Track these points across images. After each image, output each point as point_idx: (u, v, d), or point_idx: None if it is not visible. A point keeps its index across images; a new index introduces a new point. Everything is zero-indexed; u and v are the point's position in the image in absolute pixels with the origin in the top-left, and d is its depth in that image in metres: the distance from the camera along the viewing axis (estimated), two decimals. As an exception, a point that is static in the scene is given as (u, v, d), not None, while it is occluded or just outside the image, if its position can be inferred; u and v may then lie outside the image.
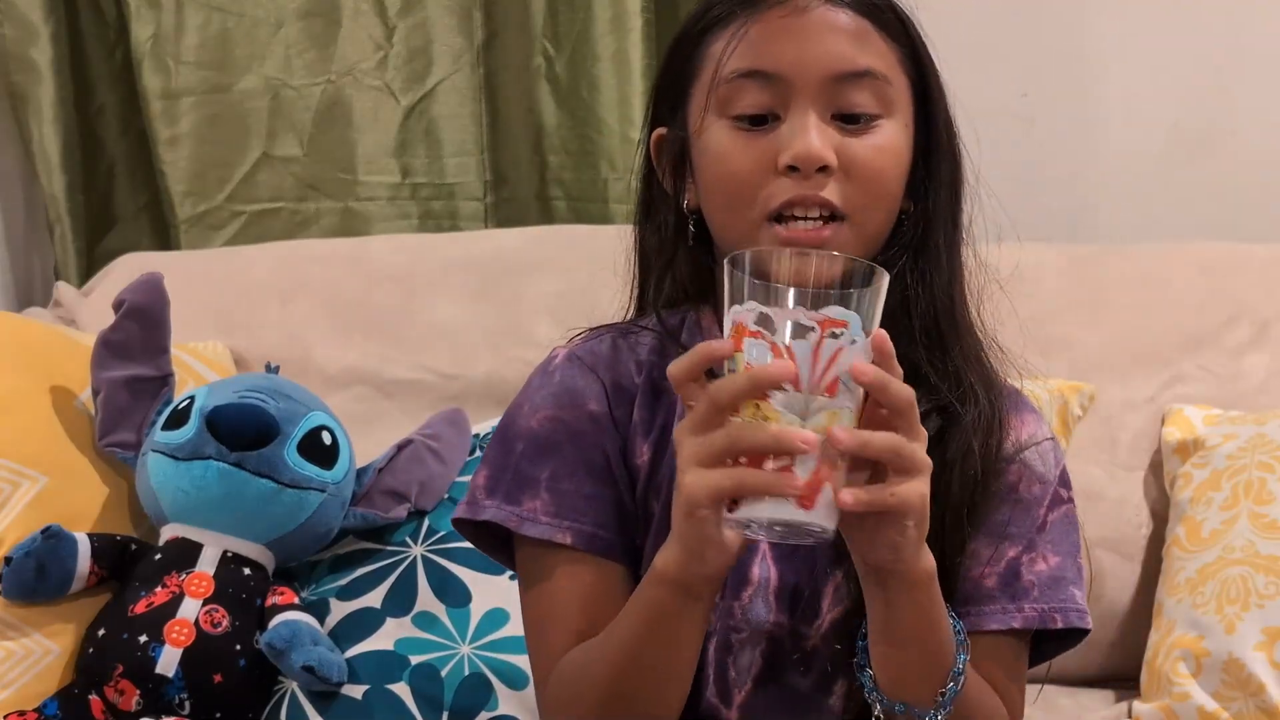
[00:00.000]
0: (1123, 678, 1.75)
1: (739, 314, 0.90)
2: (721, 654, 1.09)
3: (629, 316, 1.18)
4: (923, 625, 0.98)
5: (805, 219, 1.04)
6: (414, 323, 1.98)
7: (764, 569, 1.09)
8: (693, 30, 1.10)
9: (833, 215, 1.04)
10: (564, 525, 1.08)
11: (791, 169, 1.04)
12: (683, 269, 1.14)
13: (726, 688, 1.10)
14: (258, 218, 2.25)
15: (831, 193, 1.04)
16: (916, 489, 0.90)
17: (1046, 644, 1.11)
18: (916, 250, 1.09)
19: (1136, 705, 1.63)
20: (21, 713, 1.50)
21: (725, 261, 0.91)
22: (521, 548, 1.12)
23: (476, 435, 1.76)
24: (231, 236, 2.23)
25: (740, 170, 1.05)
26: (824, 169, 1.04)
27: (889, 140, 1.06)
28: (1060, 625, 1.09)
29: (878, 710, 1.01)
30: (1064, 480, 1.14)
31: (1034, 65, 2.17)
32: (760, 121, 1.06)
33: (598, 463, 1.10)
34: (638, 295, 1.18)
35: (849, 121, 1.05)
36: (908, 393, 0.90)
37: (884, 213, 1.08)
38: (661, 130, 1.14)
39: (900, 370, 0.91)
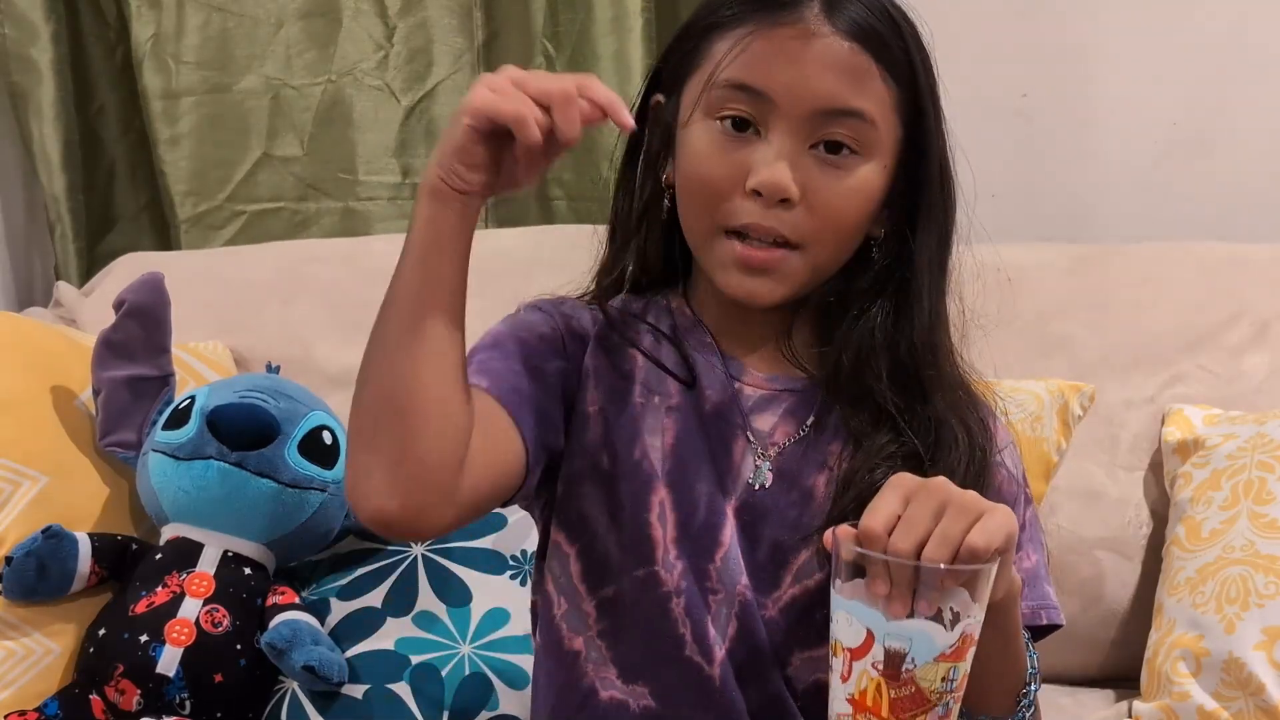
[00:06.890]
0: (1123, 677, 1.75)
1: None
2: (699, 612, 1.10)
3: (591, 282, 1.20)
4: (1010, 640, 1.02)
5: (760, 240, 1.07)
6: (414, 323, 1.97)
7: (732, 535, 1.11)
8: (701, 23, 1.11)
9: (786, 242, 1.07)
10: (484, 381, 1.08)
11: (756, 193, 1.06)
12: (654, 246, 1.17)
13: (707, 646, 1.10)
14: (258, 218, 2.25)
15: (785, 225, 1.07)
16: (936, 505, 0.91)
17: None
18: (897, 291, 1.11)
19: (1136, 705, 1.63)
20: (22, 713, 1.50)
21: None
22: None
23: (477, 435, 1.76)
24: (232, 236, 2.23)
25: (712, 178, 1.08)
26: (785, 201, 1.06)
27: (860, 182, 1.07)
28: (1044, 622, 1.13)
29: None
30: (1024, 478, 1.18)
31: (1034, 65, 2.17)
32: (743, 126, 1.07)
33: (533, 364, 1.11)
34: (608, 263, 1.20)
35: (828, 151, 1.07)
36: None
37: (835, 246, 1.10)
38: (660, 98, 1.15)
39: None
